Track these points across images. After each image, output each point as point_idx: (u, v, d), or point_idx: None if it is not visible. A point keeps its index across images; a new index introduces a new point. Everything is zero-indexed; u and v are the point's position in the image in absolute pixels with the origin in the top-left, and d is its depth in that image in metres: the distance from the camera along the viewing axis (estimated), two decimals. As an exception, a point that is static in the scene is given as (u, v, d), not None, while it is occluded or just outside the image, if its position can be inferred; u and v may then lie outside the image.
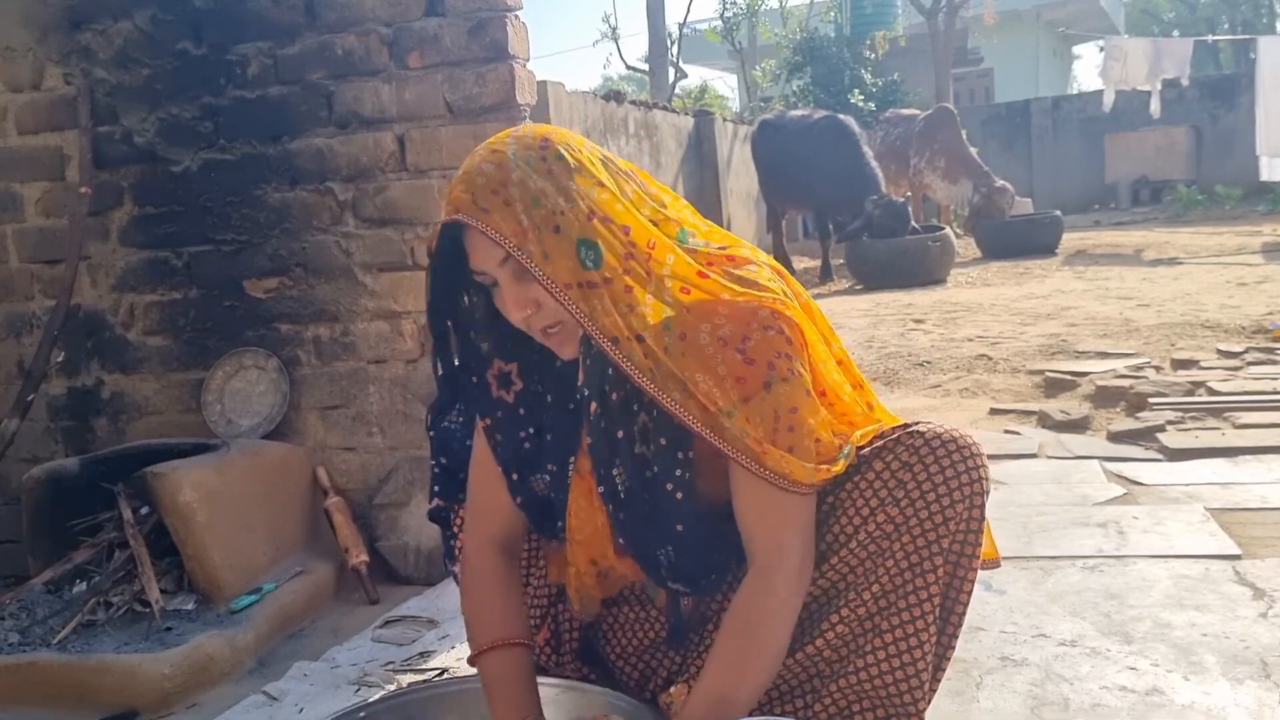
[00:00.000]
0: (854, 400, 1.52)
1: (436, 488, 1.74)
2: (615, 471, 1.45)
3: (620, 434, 1.44)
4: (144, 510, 2.59)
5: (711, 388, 1.33)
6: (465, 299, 1.48)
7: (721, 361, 1.34)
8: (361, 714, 1.63)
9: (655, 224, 1.40)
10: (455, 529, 1.77)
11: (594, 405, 1.43)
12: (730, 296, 1.36)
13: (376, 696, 1.81)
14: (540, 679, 1.56)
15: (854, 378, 1.56)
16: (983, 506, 1.43)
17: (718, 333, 1.34)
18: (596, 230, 1.32)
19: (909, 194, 12.04)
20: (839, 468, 1.39)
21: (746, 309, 1.35)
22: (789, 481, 1.34)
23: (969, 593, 1.47)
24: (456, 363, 1.53)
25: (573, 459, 1.51)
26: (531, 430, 1.53)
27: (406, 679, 2.11)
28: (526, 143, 1.35)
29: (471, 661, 1.54)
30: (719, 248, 1.45)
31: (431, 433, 1.76)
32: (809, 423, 1.36)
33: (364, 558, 2.76)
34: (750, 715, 1.51)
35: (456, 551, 1.77)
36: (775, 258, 1.50)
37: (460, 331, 1.50)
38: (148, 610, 2.42)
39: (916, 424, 1.45)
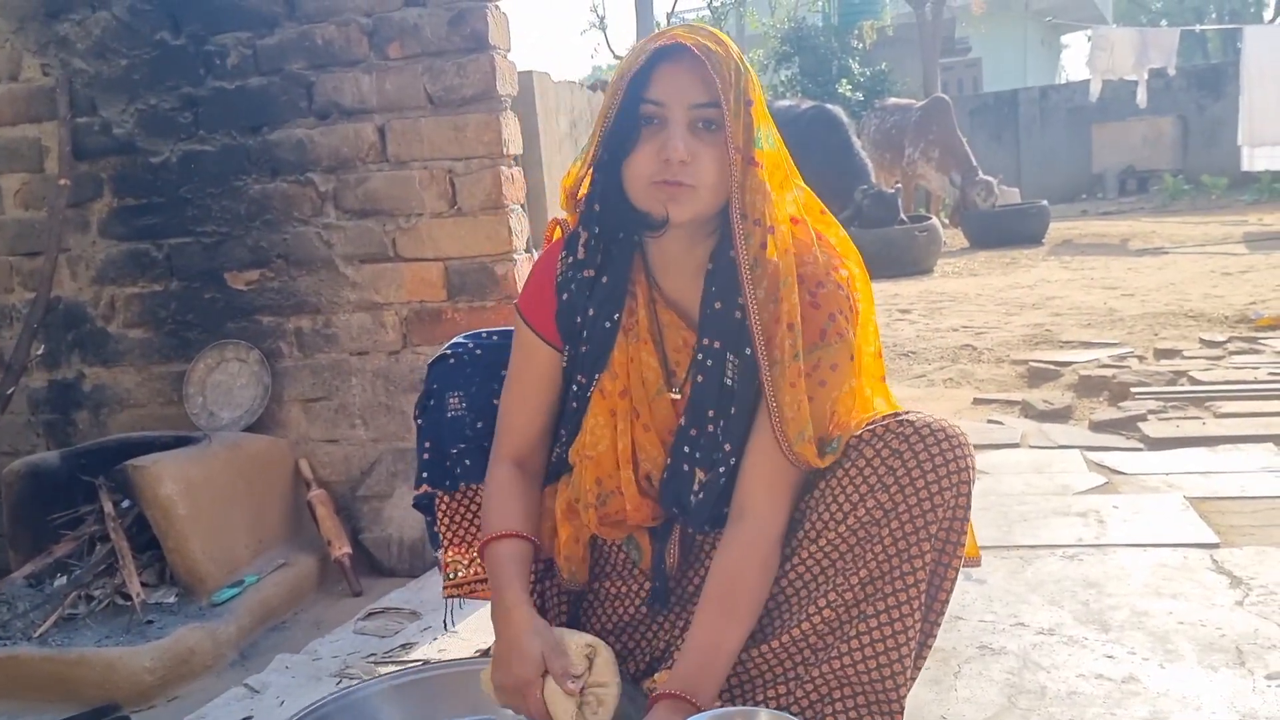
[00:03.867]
0: (872, 395, 1.59)
1: (425, 474, 1.75)
2: (713, 353, 1.48)
3: (738, 314, 1.47)
4: (125, 503, 2.59)
5: (794, 305, 1.41)
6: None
7: (801, 295, 1.43)
8: (348, 699, 1.64)
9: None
10: (440, 516, 1.78)
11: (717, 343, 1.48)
12: (825, 249, 1.49)
13: (364, 681, 1.81)
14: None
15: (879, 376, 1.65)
16: (969, 495, 1.44)
17: (801, 268, 1.44)
18: (768, 128, 1.42)
19: (899, 184, 12.05)
20: (825, 460, 1.44)
21: (829, 264, 1.47)
22: (781, 427, 1.42)
23: (953, 580, 1.48)
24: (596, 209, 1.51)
25: (599, 375, 1.54)
26: (577, 320, 1.56)
27: (388, 671, 2.11)
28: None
29: (482, 550, 1.58)
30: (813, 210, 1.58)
31: (419, 420, 1.76)
32: (840, 389, 1.45)
33: (346, 550, 2.75)
34: (732, 706, 1.52)
35: (442, 535, 1.78)
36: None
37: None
38: (129, 603, 2.41)
39: (906, 413, 1.47)
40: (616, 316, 1.53)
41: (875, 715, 1.48)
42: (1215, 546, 2.43)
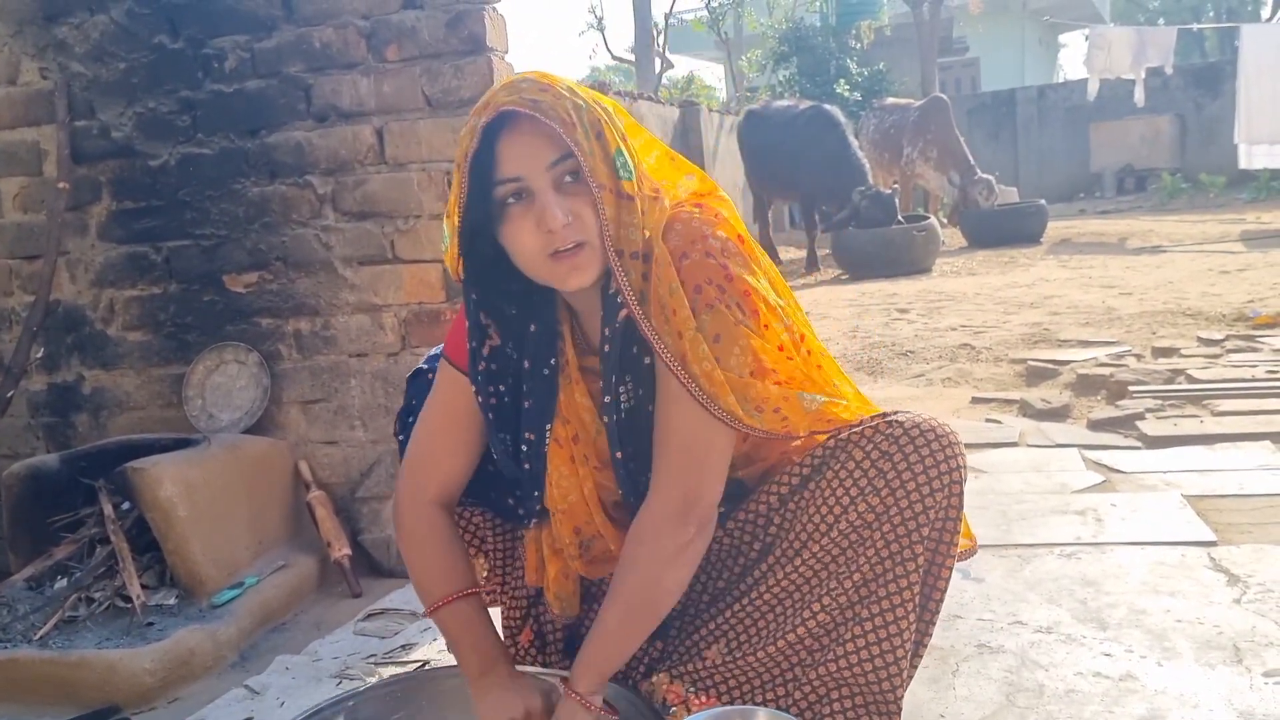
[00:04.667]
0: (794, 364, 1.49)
1: None
2: (622, 390, 1.46)
3: (635, 349, 1.44)
4: (125, 506, 2.59)
5: (683, 306, 1.35)
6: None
7: (709, 284, 1.37)
8: (350, 702, 1.65)
9: (663, 162, 1.47)
10: None
11: (623, 311, 1.41)
12: (685, 218, 1.40)
13: (368, 684, 1.81)
14: (520, 667, 1.59)
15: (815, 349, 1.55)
16: (960, 495, 1.44)
17: (670, 244, 1.37)
18: (629, 148, 1.36)
19: (897, 184, 12.05)
20: (783, 406, 1.39)
21: (698, 231, 1.39)
22: (737, 421, 1.36)
23: (947, 580, 1.49)
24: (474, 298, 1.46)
25: (549, 426, 1.50)
26: (501, 389, 1.51)
27: (388, 672, 2.12)
28: (557, 75, 1.38)
29: (427, 615, 1.58)
30: (704, 190, 1.49)
31: (400, 436, 1.75)
32: (733, 353, 1.37)
33: (346, 551, 2.76)
34: (730, 705, 1.53)
35: None
36: (761, 247, 1.49)
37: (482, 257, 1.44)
38: (129, 606, 2.41)
39: (895, 414, 1.46)
40: (554, 361, 1.49)
41: (873, 716, 1.49)
42: (1213, 544, 2.44)
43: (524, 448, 1.53)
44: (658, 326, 1.35)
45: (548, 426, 1.50)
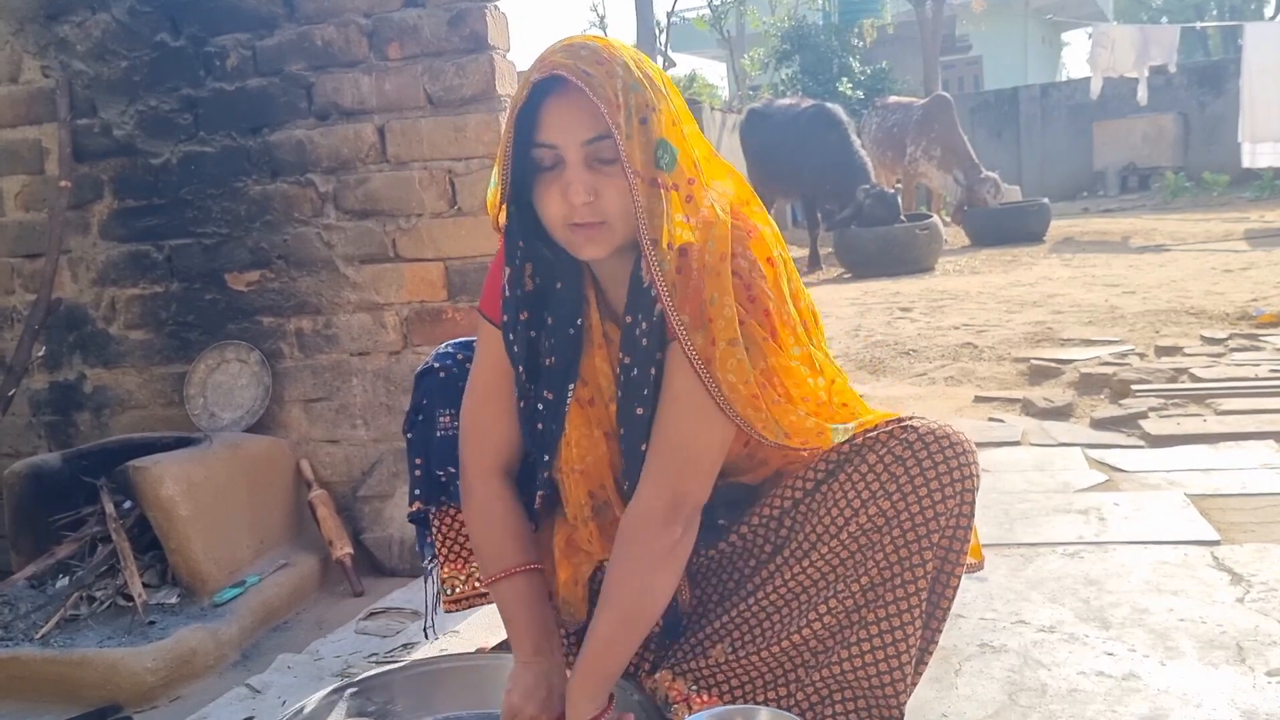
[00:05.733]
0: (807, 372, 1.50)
1: (417, 491, 1.73)
2: (635, 372, 1.44)
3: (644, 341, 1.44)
4: (126, 504, 2.59)
5: (732, 315, 1.34)
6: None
7: (738, 291, 1.36)
8: (350, 689, 1.66)
9: (711, 153, 1.45)
10: (434, 531, 1.77)
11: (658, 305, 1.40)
12: (757, 240, 1.40)
13: (371, 673, 1.81)
14: None
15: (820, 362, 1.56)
16: (973, 503, 1.44)
17: (744, 262, 1.37)
18: (676, 136, 1.33)
19: (899, 184, 12.04)
20: (810, 436, 1.40)
21: (767, 255, 1.40)
22: (756, 433, 1.37)
23: (955, 587, 1.48)
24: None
25: (572, 386, 1.49)
26: (533, 335, 1.50)
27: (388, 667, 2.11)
28: (621, 45, 1.36)
29: (486, 587, 1.58)
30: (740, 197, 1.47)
31: (409, 435, 1.75)
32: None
33: (348, 550, 2.76)
34: (731, 705, 1.52)
35: (439, 552, 1.78)
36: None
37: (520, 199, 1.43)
38: (131, 604, 2.41)
39: (910, 419, 1.46)
40: (580, 322, 1.48)
41: (874, 719, 1.49)
42: (1216, 544, 2.43)
43: (540, 406, 1.51)
44: (689, 323, 1.34)
45: (570, 386, 1.49)
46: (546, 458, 1.53)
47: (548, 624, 1.54)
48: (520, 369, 1.50)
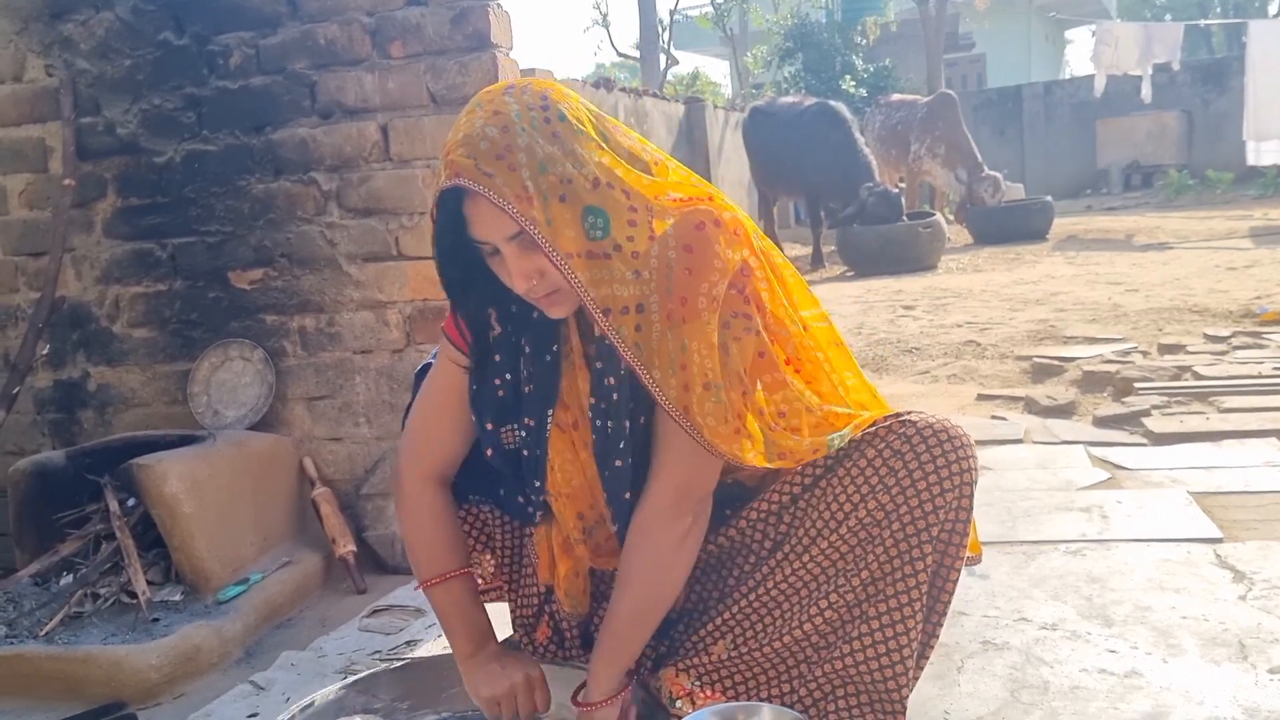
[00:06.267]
0: (818, 366, 1.53)
1: None
2: (609, 422, 1.47)
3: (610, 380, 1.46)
4: (130, 502, 2.60)
5: (703, 357, 1.34)
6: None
7: (713, 329, 1.34)
8: (357, 687, 1.67)
9: (650, 170, 1.41)
10: None
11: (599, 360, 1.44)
12: (720, 248, 1.36)
13: (377, 669, 1.82)
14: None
15: (826, 337, 1.58)
16: (971, 496, 1.44)
17: (713, 293, 1.34)
18: (603, 197, 1.30)
19: (903, 182, 12.03)
20: (804, 455, 1.41)
21: (734, 263, 1.37)
22: (738, 461, 1.38)
23: (955, 581, 1.49)
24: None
25: (551, 412, 1.50)
26: (508, 377, 1.52)
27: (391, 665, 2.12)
28: (527, 102, 1.31)
29: (425, 589, 1.62)
30: (700, 195, 1.43)
31: None
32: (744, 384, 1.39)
33: (351, 548, 2.76)
34: (734, 701, 1.53)
35: None
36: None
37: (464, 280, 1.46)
38: (135, 602, 2.42)
39: (908, 413, 1.46)
40: (556, 348, 1.49)
41: (878, 714, 1.49)
42: (1219, 541, 2.43)
43: (523, 433, 1.53)
44: (659, 378, 1.34)
45: (550, 411, 1.50)
46: (538, 483, 1.55)
47: (483, 622, 1.62)
48: (488, 420, 1.52)
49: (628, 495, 1.49)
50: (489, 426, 1.53)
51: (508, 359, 1.51)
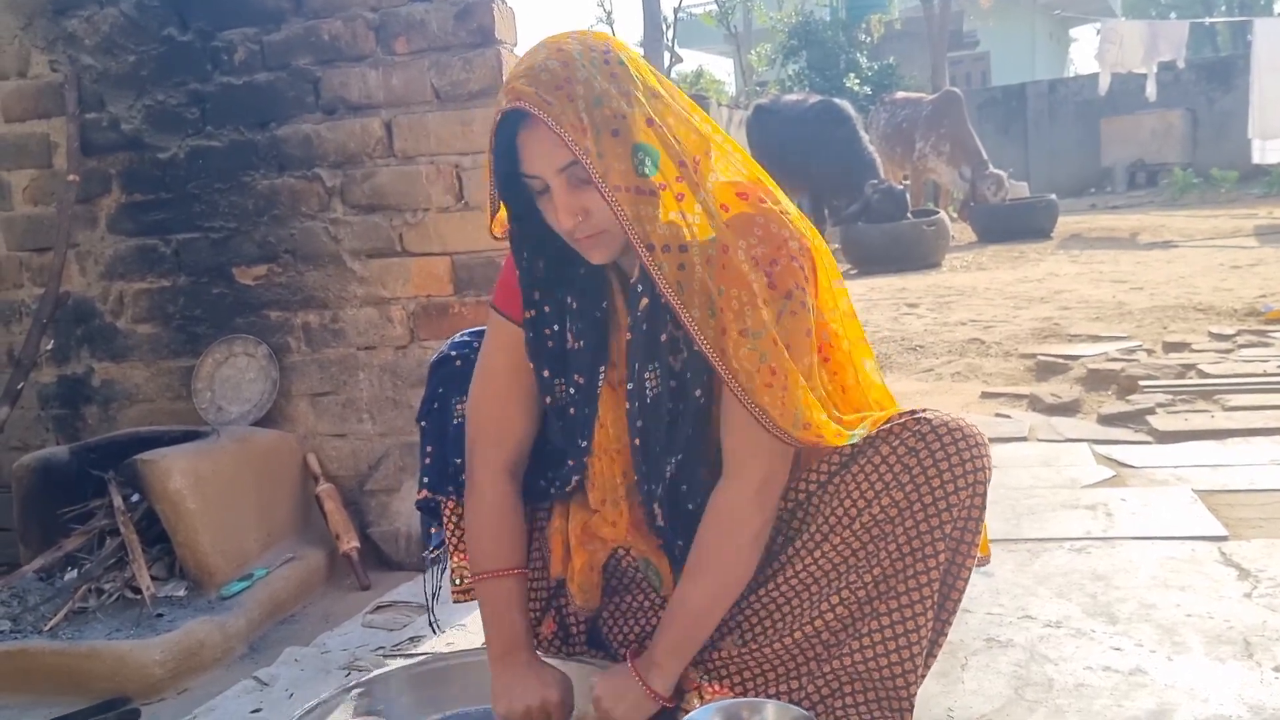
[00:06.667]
0: (848, 358, 1.54)
1: (426, 479, 1.73)
2: (648, 375, 1.46)
3: (663, 337, 1.45)
4: (134, 497, 2.60)
5: (744, 305, 1.35)
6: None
7: (755, 280, 1.36)
8: (358, 689, 1.66)
9: (703, 137, 1.41)
10: (446, 520, 1.77)
11: (644, 301, 1.43)
12: (764, 219, 1.39)
13: (379, 671, 1.82)
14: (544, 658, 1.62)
15: (854, 332, 1.58)
16: (984, 495, 1.44)
17: (751, 251, 1.36)
18: (654, 137, 1.32)
19: (908, 180, 12.01)
20: (826, 435, 1.39)
21: (779, 235, 1.39)
22: (771, 423, 1.36)
23: (966, 579, 1.48)
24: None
25: (603, 369, 1.50)
26: (556, 328, 1.52)
27: (396, 664, 2.12)
28: (590, 44, 1.34)
29: (473, 582, 1.61)
30: (750, 176, 1.46)
31: (423, 423, 1.75)
32: (801, 362, 1.39)
33: (355, 544, 2.76)
34: (742, 697, 1.52)
35: (449, 540, 1.77)
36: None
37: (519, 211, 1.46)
38: (139, 597, 2.42)
39: (923, 411, 1.46)
40: (605, 304, 1.50)
41: (885, 711, 1.49)
42: (1224, 539, 2.43)
43: (572, 390, 1.53)
44: (698, 317, 1.35)
45: (601, 368, 1.50)
46: (583, 443, 1.54)
47: (520, 628, 1.59)
48: (544, 367, 1.52)
49: (671, 462, 1.49)
50: (546, 374, 1.54)
51: (555, 313, 1.52)
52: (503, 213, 1.46)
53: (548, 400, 1.55)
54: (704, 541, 1.47)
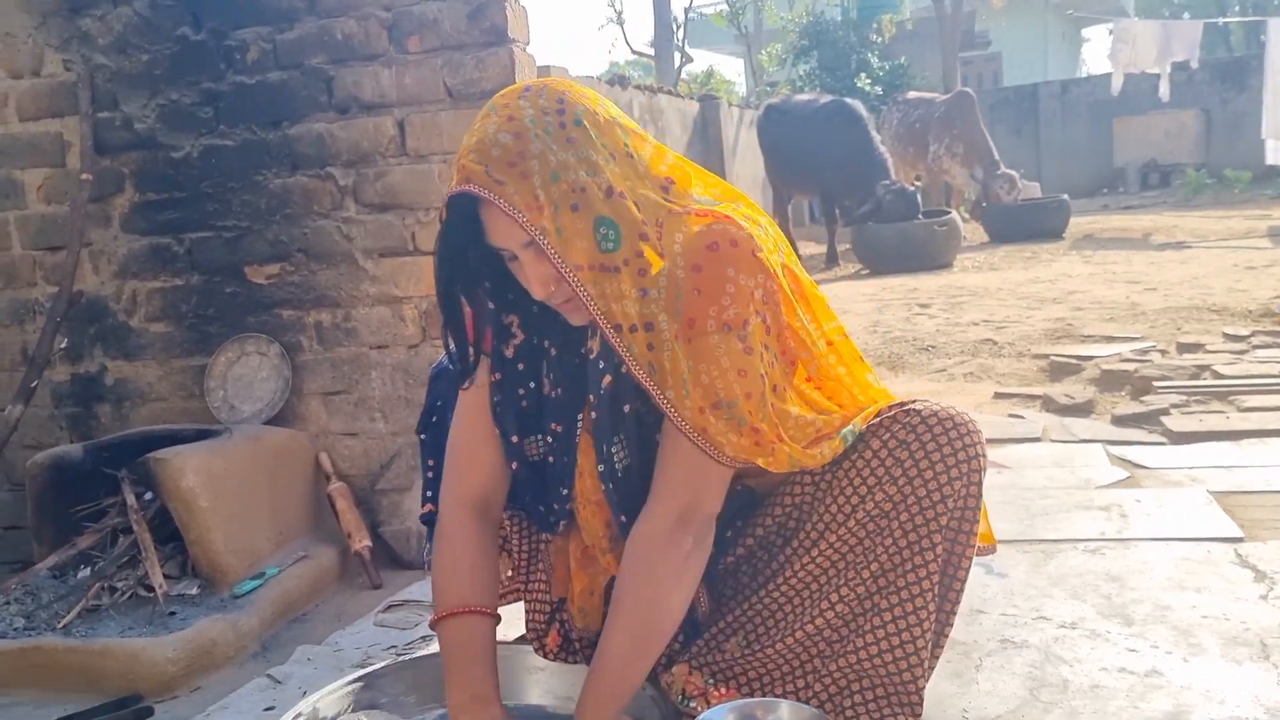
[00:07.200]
0: (843, 379, 1.52)
1: (429, 493, 1.71)
2: (614, 451, 1.44)
3: (627, 408, 1.42)
4: (147, 496, 2.60)
5: (714, 380, 1.30)
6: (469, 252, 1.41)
7: (725, 351, 1.30)
8: (360, 683, 1.66)
9: (668, 186, 1.37)
10: None
11: (607, 379, 1.40)
12: (735, 270, 1.31)
13: (384, 663, 1.82)
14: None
15: (848, 351, 1.55)
16: (980, 484, 1.43)
17: (722, 317, 1.30)
18: (616, 208, 1.28)
19: (919, 180, 11.98)
20: (825, 459, 1.38)
21: (746, 289, 1.31)
22: (759, 469, 1.35)
23: (967, 569, 1.47)
24: (466, 339, 1.46)
25: (580, 417, 1.46)
26: (532, 385, 1.49)
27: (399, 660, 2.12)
28: (543, 106, 1.28)
29: (432, 626, 1.51)
30: (720, 211, 1.38)
31: (423, 435, 1.74)
32: (746, 383, 1.33)
33: (366, 543, 2.76)
34: (750, 697, 1.52)
35: None
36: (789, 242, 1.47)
37: (467, 290, 1.42)
38: (152, 595, 2.43)
39: (913, 402, 1.45)
40: (583, 350, 1.46)
41: (895, 707, 1.48)
42: (1239, 541, 2.41)
43: (549, 439, 1.50)
44: (673, 398, 1.31)
45: (579, 416, 1.46)
46: (565, 490, 1.50)
47: (486, 677, 1.47)
48: (513, 431, 1.49)
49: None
50: (514, 440, 1.50)
51: (531, 367, 1.49)
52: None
53: (514, 466, 1.51)
54: (622, 577, 1.40)
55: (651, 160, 1.37)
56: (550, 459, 1.51)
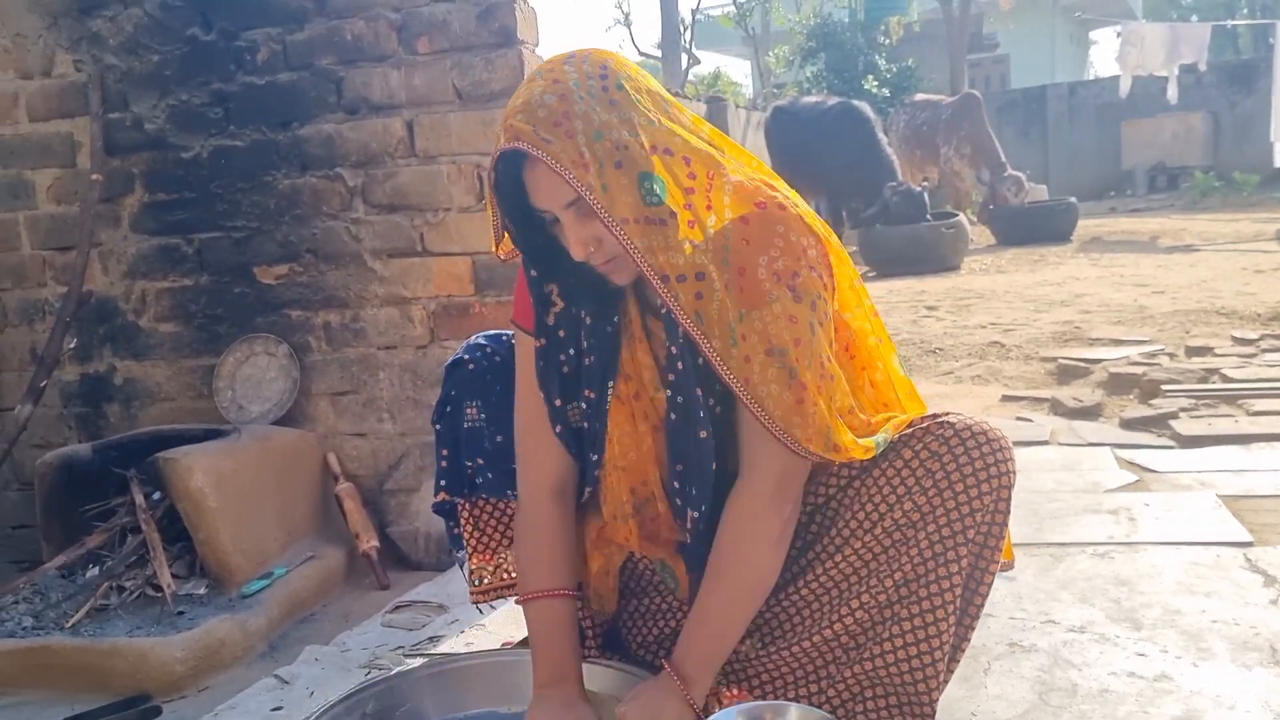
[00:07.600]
0: (874, 354, 1.53)
1: (443, 482, 1.73)
2: (682, 397, 1.44)
3: (699, 360, 1.42)
4: (156, 495, 2.61)
5: (767, 325, 1.32)
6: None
7: (779, 296, 1.33)
8: (378, 687, 1.66)
9: (712, 150, 1.38)
10: (463, 522, 1.77)
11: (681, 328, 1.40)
12: (784, 228, 1.35)
13: (395, 670, 1.82)
14: (592, 661, 1.60)
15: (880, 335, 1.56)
16: (1008, 499, 1.42)
17: (773, 266, 1.33)
18: (659, 164, 1.30)
19: (927, 181, 11.97)
20: (856, 454, 1.37)
21: (799, 245, 1.35)
22: (801, 448, 1.33)
23: (989, 584, 1.46)
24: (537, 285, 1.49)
25: (612, 383, 1.48)
26: (572, 352, 1.51)
27: (415, 663, 2.12)
28: (586, 70, 1.31)
29: (518, 603, 1.58)
30: (763, 180, 1.42)
31: (438, 425, 1.75)
32: (825, 373, 1.35)
33: (374, 543, 2.77)
34: (761, 700, 1.51)
35: (466, 542, 1.77)
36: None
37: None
38: (160, 595, 2.43)
39: (946, 415, 1.44)
40: (616, 319, 1.47)
41: (907, 717, 1.47)
42: (1249, 545, 2.40)
43: (583, 405, 1.52)
44: (719, 348, 1.32)
45: (610, 383, 1.48)
46: (595, 457, 1.52)
47: (564, 656, 1.53)
48: (555, 396, 1.51)
49: (714, 467, 1.45)
50: (558, 403, 1.52)
51: (571, 334, 1.50)
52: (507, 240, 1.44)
53: (558, 429, 1.53)
54: (722, 546, 1.43)
55: (693, 124, 1.40)
56: (585, 425, 1.53)
